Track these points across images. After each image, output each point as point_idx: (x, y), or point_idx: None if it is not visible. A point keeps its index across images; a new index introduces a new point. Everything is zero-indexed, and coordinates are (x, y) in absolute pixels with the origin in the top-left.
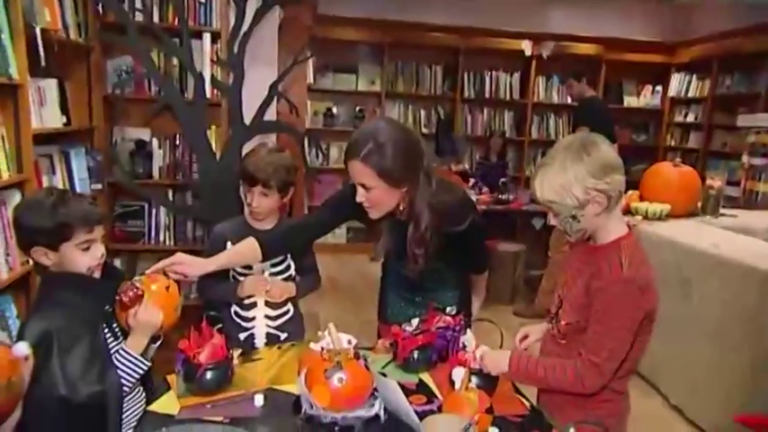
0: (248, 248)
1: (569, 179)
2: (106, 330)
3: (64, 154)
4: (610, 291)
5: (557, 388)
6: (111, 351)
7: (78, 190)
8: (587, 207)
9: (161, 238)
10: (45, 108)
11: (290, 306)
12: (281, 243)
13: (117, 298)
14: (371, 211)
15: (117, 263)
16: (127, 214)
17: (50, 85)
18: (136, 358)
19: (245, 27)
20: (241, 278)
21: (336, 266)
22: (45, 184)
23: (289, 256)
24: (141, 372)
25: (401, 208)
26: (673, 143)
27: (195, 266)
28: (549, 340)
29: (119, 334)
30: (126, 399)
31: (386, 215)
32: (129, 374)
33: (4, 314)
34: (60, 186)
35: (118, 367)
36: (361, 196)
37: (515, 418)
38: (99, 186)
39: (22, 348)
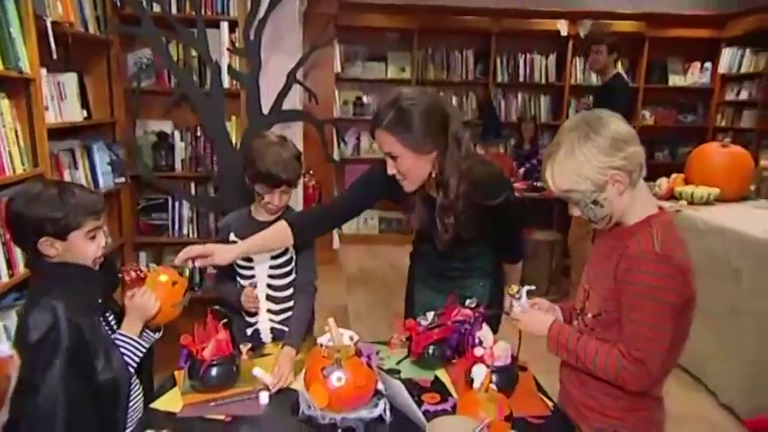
0: (276, 233)
1: (580, 162)
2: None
3: (86, 148)
4: (643, 270)
5: (595, 374)
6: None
7: (102, 184)
8: (607, 188)
9: (185, 231)
10: (65, 102)
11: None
12: (313, 225)
13: (119, 275)
14: (404, 183)
15: (142, 256)
16: (151, 207)
17: (69, 80)
18: (132, 339)
19: (260, 14)
20: (243, 281)
21: (368, 257)
22: (67, 178)
23: (291, 248)
24: (140, 353)
25: (433, 176)
26: (724, 123)
27: (218, 255)
28: None
29: (114, 326)
30: None
31: (418, 188)
32: (128, 358)
33: None
34: (83, 181)
35: None
36: (391, 168)
37: (536, 419)
38: (122, 180)
39: (5, 349)
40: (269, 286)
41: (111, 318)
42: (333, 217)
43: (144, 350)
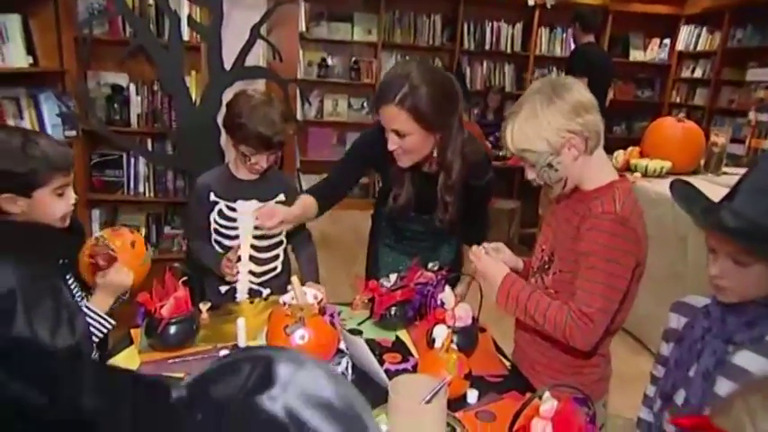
0: (311, 204)
1: (540, 123)
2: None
3: (32, 98)
4: (602, 229)
5: (543, 330)
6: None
7: None
8: (563, 152)
9: (140, 189)
10: (6, 45)
11: (278, 263)
12: (330, 199)
13: (90, 261)
14: (403, 158)
15: (96, 214)
16: (104, 163)
17: (12, 21)
18: (101, 317)
19: None
20: (226, 240)
21: (328, 221)
22: None
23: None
24: (105, 331)
25: (434, 155)
26: (678, 100)
27: (278, 215)
28: None
29: (75, 291)
30: None
31: (413, 165)
32: (92, 333)
33: None
34: None
35: None
36: (393, 144)
37: (494, 378)
38: (73, 133)
39: None
40: (253, 247)
41: (71, 281)
42: (339, 189)
43: (111, 326)
